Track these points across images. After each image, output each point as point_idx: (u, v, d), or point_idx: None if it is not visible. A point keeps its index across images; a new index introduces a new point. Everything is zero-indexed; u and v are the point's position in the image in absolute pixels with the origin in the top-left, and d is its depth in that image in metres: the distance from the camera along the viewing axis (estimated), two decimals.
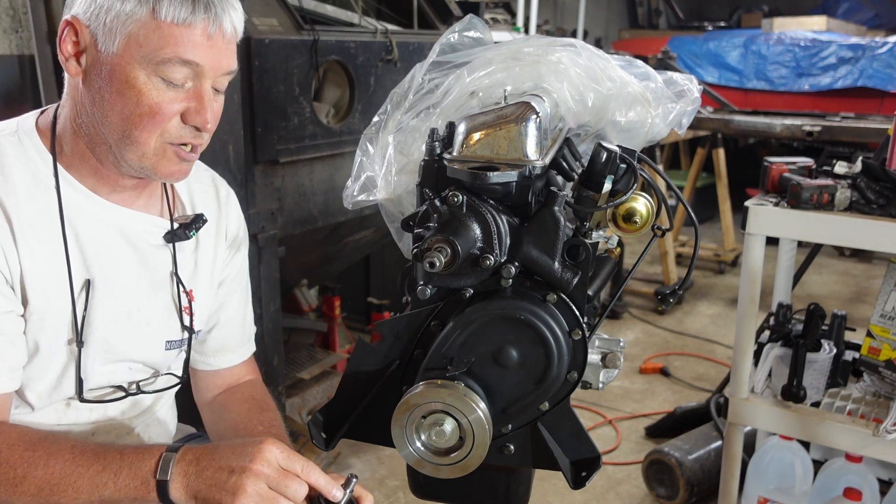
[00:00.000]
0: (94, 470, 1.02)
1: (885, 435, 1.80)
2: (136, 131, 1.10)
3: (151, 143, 1.11)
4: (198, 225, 1.28)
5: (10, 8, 2.07)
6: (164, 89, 1.09)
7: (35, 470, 1.02)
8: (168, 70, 1.07)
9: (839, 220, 1.83)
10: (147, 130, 1.10)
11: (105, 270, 1.18)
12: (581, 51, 1.08)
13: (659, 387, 3.53)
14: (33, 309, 1.12)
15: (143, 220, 1.23)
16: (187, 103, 1.11)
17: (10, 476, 1.02)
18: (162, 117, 1.09)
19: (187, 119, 1.11)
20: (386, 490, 2.61)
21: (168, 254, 1.27)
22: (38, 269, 1.12)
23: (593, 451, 1.00)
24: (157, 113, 1.09)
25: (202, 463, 1.01)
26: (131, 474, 1.02)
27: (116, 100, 1.09)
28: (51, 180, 1.14)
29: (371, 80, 2.59)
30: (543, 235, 0.93)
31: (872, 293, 4.70)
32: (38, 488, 1.02)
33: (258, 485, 0.99)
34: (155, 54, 1.06)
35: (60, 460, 1.03)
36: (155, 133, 1.10)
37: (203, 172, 1.38)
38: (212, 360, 1.42)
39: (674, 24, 8.49)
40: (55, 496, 1.02)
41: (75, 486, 1.02)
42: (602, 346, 1.03)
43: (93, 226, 1.17)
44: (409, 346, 0.99)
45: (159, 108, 1.09)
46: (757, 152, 6.31)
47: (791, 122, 3.83)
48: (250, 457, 1.00)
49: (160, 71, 1.07)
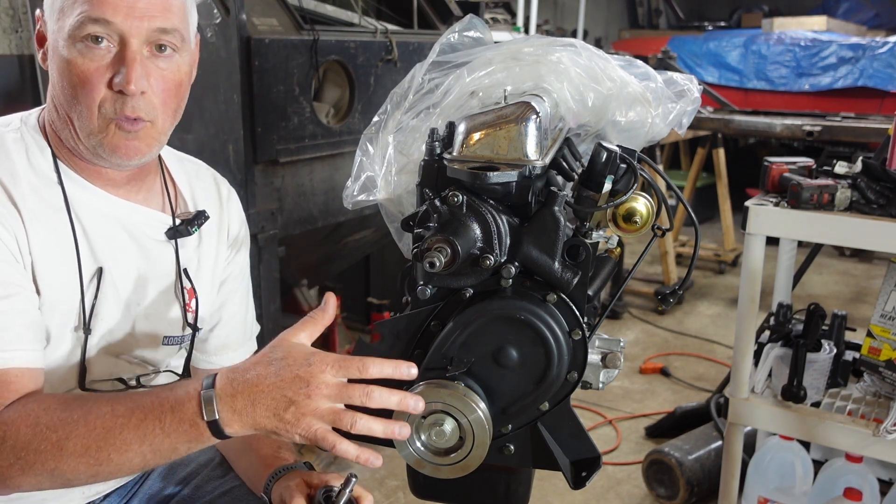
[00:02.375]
0: (135, 419, 0.96)
1: (885, 435, 1.80)
2: (77, 107, 1.09)
3: (94, 119, 1.09)
4: (200, 221, 1.28)
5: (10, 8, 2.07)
6: (90, 55, 1.06)
7: (76, 429, 0.97)
8: (82, 32, 1.05)
9: (839, 220, 1.83)
10: (83, 103, 1.08)
11: (110, 262, 1.18)
12: (581, 51, 1.08)
13: (659, 387, 3.53)
14: (44, 299, 1.12)
15: (145, 213, 1.23)
16: (113, 69, 1.08)
17: (53, 440, 0.97)
18: (91, 85, 1.07)
19: (112, 83, 1.08)
20: (386, 490, 2.61)
21: (170, 250, 1.27)
22: (48, 260, 1.12)
23: (593, 451, 1.00)
24: (86, 81, 1.07)
25: (252, 395, 0.92)
26: (176, 419, 0.95)
27: (60, 79, 1.09)
28: (53, 175, 1.14)
29: (371, 80, 2.59)
30: (543, 235, 0.93)
31: (872, 293, 4.69)
32: (84, 447, 0.96)
33: (321, 407, 0.91)
34: (71, 19, 1.06)
35: (100, 416, 0.97)
36: (93, 106, 1.08)
37: (204, 171, 1.38)
38: (214, 358, 1.42)
39: (674, 24, 8.49)
40: (104, 452, 0.96)
41: (122, 438, 0.96)
42: (602, 346, 1.03)
43: (96, 218, 1.18)
44: (409, 346, 0.99)
45: (85, 74, 1.07)
46: (757, 152, 6.30)
47: (791, 122, 3.83)
48: (305, 383, 0.91)
49: (77, 34, 1.06)
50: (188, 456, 1.40)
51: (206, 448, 1.41)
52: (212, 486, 1.35)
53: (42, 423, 0.98)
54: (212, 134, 2.16)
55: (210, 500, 1.33)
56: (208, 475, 1.37)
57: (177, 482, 1.38)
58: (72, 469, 0.97)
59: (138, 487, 1.37)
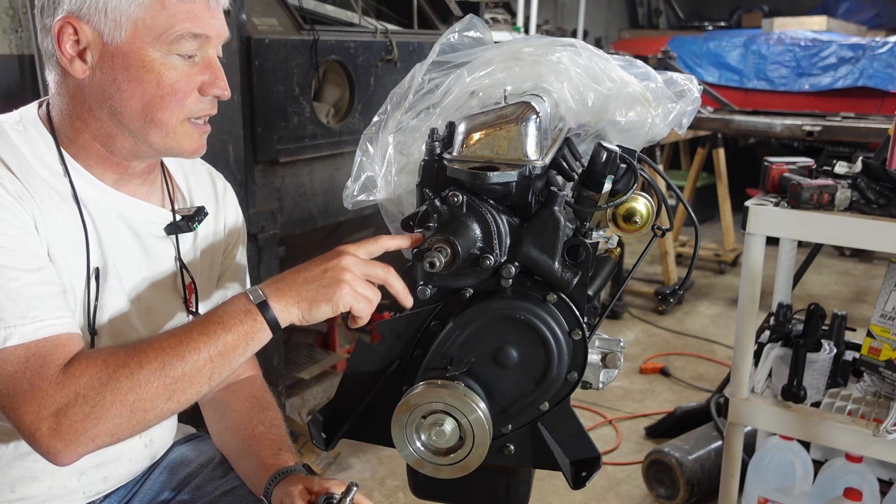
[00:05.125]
0: (198, 327, 1.03)
1: (885, 435, 1.80)
2: (159, 113, 1.11)
3: (174, 122, 1.13)
4: (200, 217, 1.29)
5: (10, 8, 2.07)
6: (181, 66, 1.11)
7: (147, 354, 1.00)
8: (181, 46, 1.09)
9: (839, 220, 1.83)
10: (170, 110, 1.11)
11: (113, 257, 1.19)
12: (581, 51, 1.08)
13: (659, 387, 3.53)
14: None
15: (147, 209, 1.24)
16: (202, 76, 1.13)
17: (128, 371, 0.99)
18: (183, 94, 1.11)
19: (206, 91, 1.13)
20: (386, 490, 2.61)
21: (169, 245, 1.27)
22: (60, 250, 1.12)
23: (593, 451, 1.00)
24: (179, 91, 1.11)
25: (292, 276, 1.04)
26: (231, 312, 1.03)
27: (135, 87, 1.10)
28: (59, 167, 1.14)
29: (371, 80, 2.59)
30: (543, 235, 0.93)
31: (872, 293, 4.69)
32: (161, 364, 1.00)
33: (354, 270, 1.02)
34: (167, 33, 1.08)
35: (164, 337, 1.03)
36: (178, 111, 1.12)
37: (200, 166, 1.39)
38: None
39: (674, 24, 8.49)
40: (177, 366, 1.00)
41: (190, 347, 1.01)
42: (602, 346, 1.03)
43: (100, 213, 1.18)
44: (409, 346, 0.99)
45: (179, 85, 1.11)
46: (757, 152, 6.30)
47: (791, 122, 3.83)
48: (336, 254, 1.04)
49: (174, 49, 1.09)
50: (189, 456, 1.41)
51: (207, 448, 1.42)
52: (212, 486, 1.35)
53: (112, 363, 1.01)
54: (212, 134, 2.15)
55: (210, 500, 1.32)
56: (209, 475, 1.37)
57: (177, 482, 1.38)
58: (151, 395, 1.00)
59: (139, 488, 1.37)
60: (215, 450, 1.41)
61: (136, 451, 1.32)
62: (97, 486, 1.28)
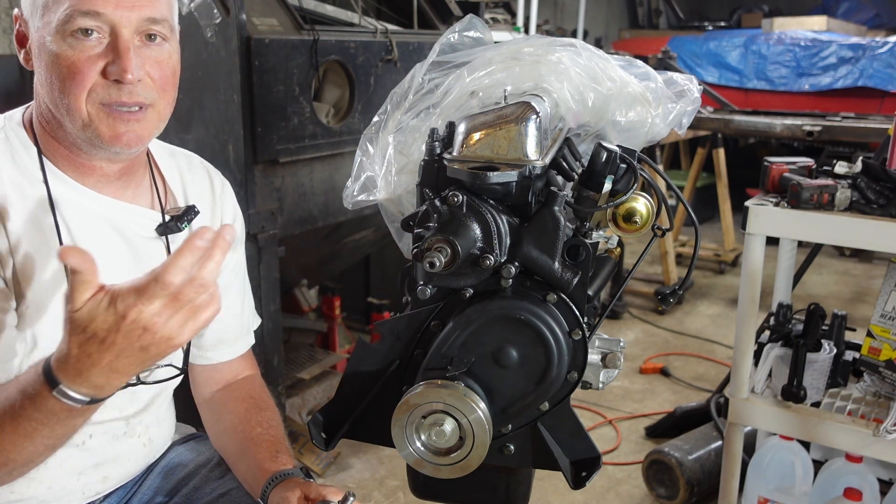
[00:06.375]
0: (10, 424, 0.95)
1: (885, 435, 1.80)
2: (67, 98, 1.08)
3: (83, 107, 1.09)
4: (190, 217, 1.27)
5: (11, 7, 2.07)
6: (79, 47, 1.07)
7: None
8: (72, 24, 1.06)
9: (839, 220, 1.83)
10: (73, 94, 1.08)
11: (98, 261, 1.17)
12: (581, 51, 1.08)
13: (659, 387, 3.53)
14: (29, 302, 1.11)
15: (133, 211, 1.23)
16: (106, 58, 1.08)
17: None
18: (81, 76, 1.07)
19: (107, 73, 1.08)
20: (386, 490, 2.61)
21: (161, 246, 1.26)
22: (32, 262, 1.11)
23: (593, 451, 1.00)
24: (77, 72, 1.07)
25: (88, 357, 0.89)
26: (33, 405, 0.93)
27: (47, 73, 1.09)
28: (38, 174, 1.14)
29: (371, 80, 2.59)
30: (543, 235, 0.93)
31: (872, 293, 4.69)
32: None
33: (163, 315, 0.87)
34: (59, 14, 1.06)
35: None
36: (82, 95, 1.08)
37: (197, 164, 1.37)
38: (210, 353, 1.41)
39: (674, 24, 8.49)
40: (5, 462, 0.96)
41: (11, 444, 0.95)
42: (602, 346, 1.03)
43: (83, 217, 1.17)
44: (409, 346, 0.99)
45: (75, 66, 1.07)
46: (757, 152, 6.30)
47: (791, 122, 3.83)
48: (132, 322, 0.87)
49: (67, 28, 1.06)
50: (187, 456, 1.41)
51: (205, 449, 1.42)
52: (210, 487, 1.35)
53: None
54: (212, 134, 2.16)
55: (207, 501, 1.32)
56: (206, 476, 1.37)
57: (175, 483, 1.38)
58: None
59: (137, 488, 1.37)
60: (213, 450, 1.41)
61: (134, 451, 1.32)
62: (96, 486, 1.28)
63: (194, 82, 2.14)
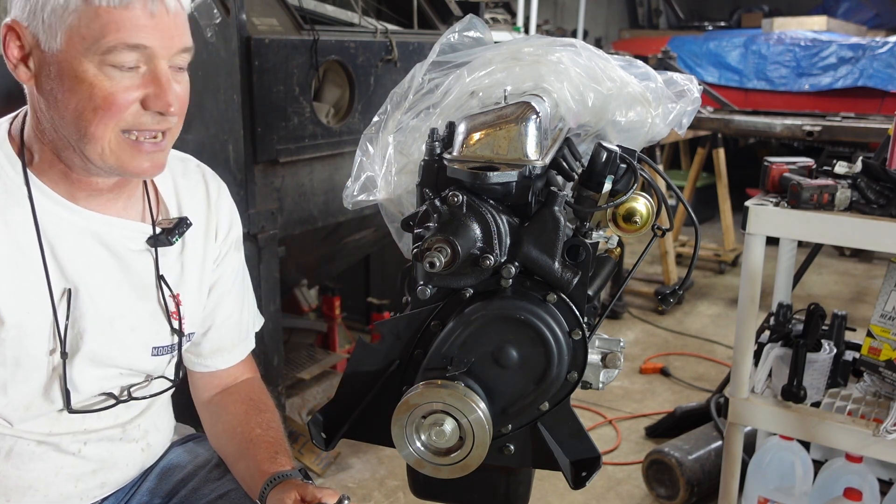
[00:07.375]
0: None
1: (885, 435, 1.80)
2: (91, 126, 1.04)
3: (108, 137, 1.05)
4: (181, 230, 1.24)
5: None
6: (118, 78, 1.03)
7: None
8: (116, 57, 1.02)
9: (839, 220, 1.83)
10: (102, 124, 1.04)
11: (84, 278, 1.15)
12: (581, 51, 1.08)
13: (659, 387, 3.53)
14: (10, 325, 1.09)
15: (122, 225, 1.19)
16: (145, 89, 1.05)
17: None
18: (118, 108, 1.04)
19: (148, 105, 1.06)
20: (386, 490, 2.61)
21: (150, 259, 1.23)
22: (12, 284, 1.09)
23: (593, 451, 1.00)
24: (113, 104, 1.04)
25: None
26: None
27: (70, 98, 1.04)
28: (23, 190, 1.10)
29: (371, 80, 2.59)
30: (543, 235, 0.93)
31: (872, 293, 4.69)
32: None
33: None
34: (99, 44, 1.01)
35: None
36: (110, 125, 1.05)
37: (193, 169, 1.34)
38: (208, 361, 1.40)
39: (674, 24, 8.49)
40: None
41: None
42: (602, 346, 1.03)
43: (68, 233, 1.14)
44: (409, 346, 0.99)
45: (114, 98, 1.03)
46: (757, 152, 6.30)
47: (791, 122, 3.83)
48: None
49: (108, 60, 1.02)
50: (185, 458, 1.41)
51: (204, 450, 1.42)
52: (209, 488, 1.35)
53: None
54: (212, 134, 2.15)
55: (206, 502, 1.32)
56: (205, 477, 1.37)
57: (174, 484, 1.37)
58: None
59: (135, 491, 1.36)
60: (212, 451, 1.41)
61: (132, 455, 1.31)
62: (94, 491, 1.27)
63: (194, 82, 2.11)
